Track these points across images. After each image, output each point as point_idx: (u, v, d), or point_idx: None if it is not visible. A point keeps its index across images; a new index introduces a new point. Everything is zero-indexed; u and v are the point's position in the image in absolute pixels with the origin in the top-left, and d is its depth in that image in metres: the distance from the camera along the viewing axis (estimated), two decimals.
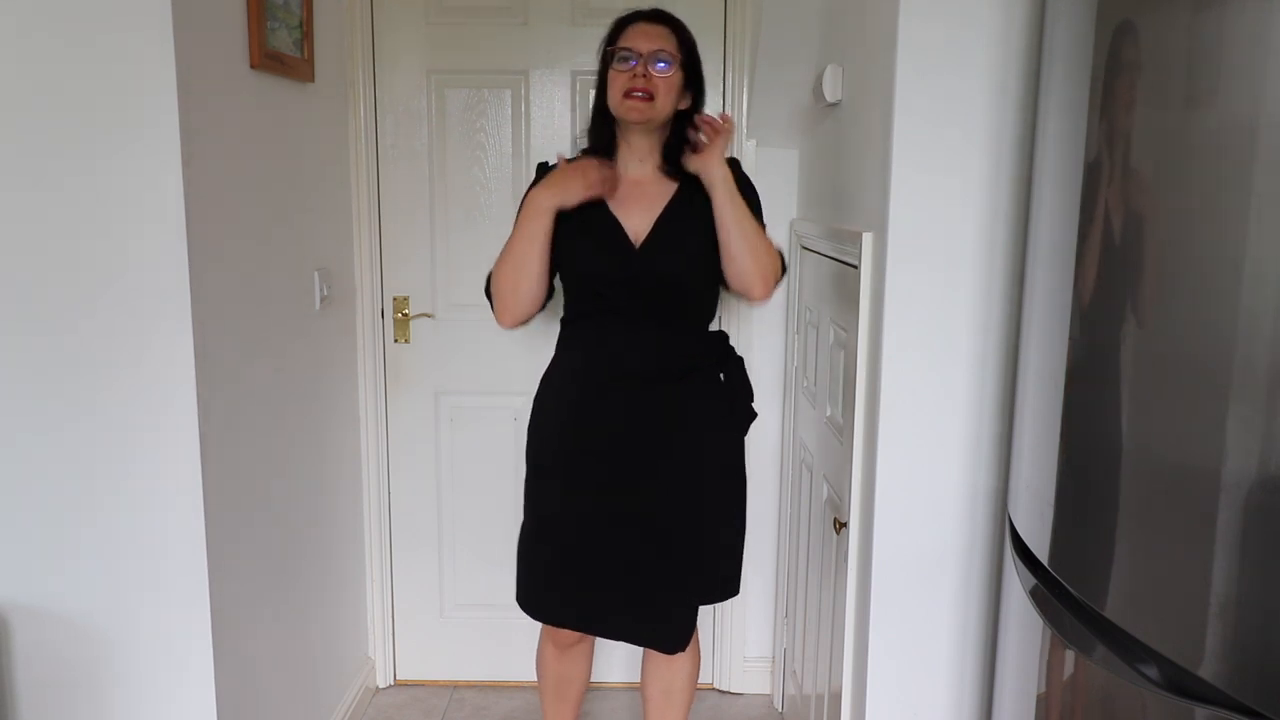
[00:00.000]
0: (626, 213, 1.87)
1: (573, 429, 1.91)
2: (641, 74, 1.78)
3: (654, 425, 1.87)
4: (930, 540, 1.61)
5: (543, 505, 1.95)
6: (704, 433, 1.91)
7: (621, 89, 1.80)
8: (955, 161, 1.51)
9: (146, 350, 1.69)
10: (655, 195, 1.88)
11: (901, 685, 1.64)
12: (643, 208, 1.87)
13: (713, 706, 2.72)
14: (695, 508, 1.90)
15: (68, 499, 1.73)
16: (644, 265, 1.84)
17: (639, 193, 1.89)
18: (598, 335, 1.89)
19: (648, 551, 1.89)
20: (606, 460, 1.88)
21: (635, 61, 1.79)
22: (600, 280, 1.85)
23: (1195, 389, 0.92)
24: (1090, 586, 1.09)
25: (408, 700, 2.74)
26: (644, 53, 1.79)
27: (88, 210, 1.66)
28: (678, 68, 1.82)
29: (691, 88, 1.88)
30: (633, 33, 1.83)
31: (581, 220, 1.85)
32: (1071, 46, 1.15)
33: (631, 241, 1.85)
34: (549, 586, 1.96)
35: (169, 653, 1.78)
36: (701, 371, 1.93)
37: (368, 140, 2.56)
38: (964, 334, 1.56)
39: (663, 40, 1.82)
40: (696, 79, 1.89)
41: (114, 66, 1.62)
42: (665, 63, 1.80)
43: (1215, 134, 0.90)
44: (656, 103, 1.80)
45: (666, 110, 1.83)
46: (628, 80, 1.79)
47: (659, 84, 1.79)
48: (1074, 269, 1.12)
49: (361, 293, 2.62)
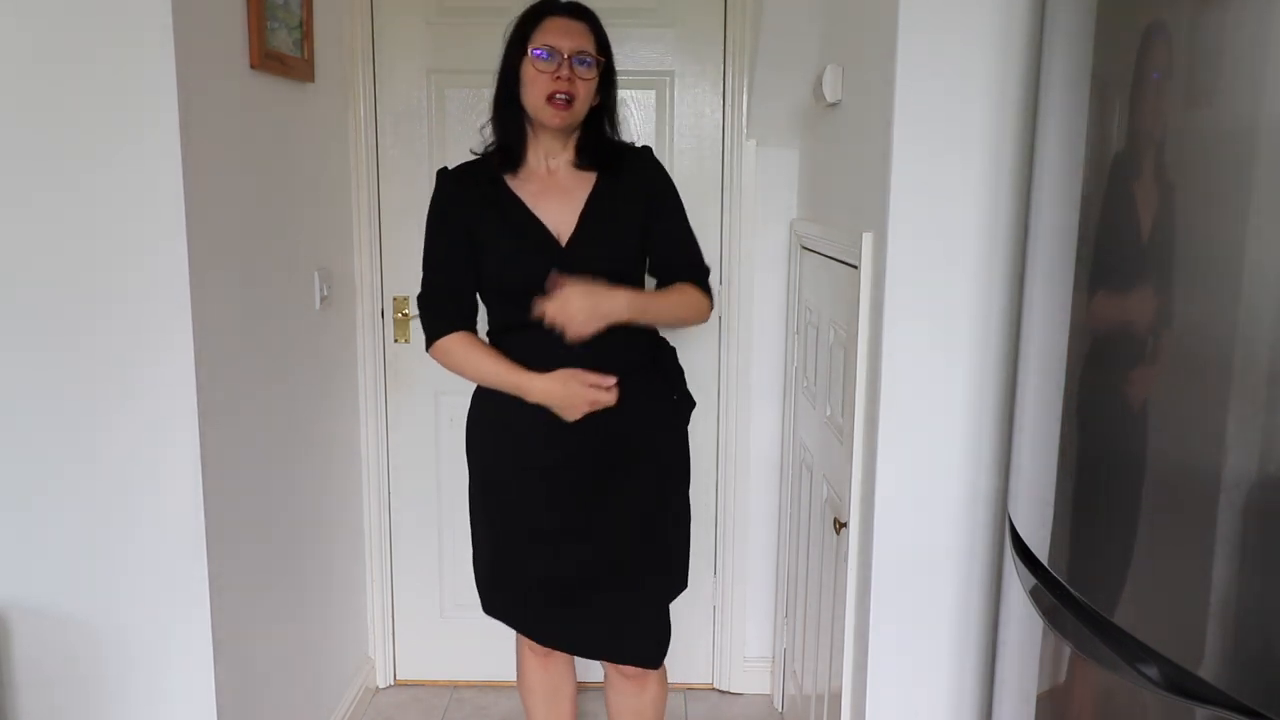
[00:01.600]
0: (546, 209, 1.80)
1: (519, 449, 1.87)
2: (565, 76, 1.72)
3: (603, 436, 1.82)
4: (930, 540, 1.60)
5: (497, 527, 1.91)
6: (652, 435, 1.89)
7: (543, 91, 1.72)
8: (955, 161, 1.51)
9: (146, 350, 1.69)
10: (573, 189, 1.82)
11: (901, 685, 1.64)
12: (562, 203, 1.80)
13: (713, 706, 2.72)
14: (651, 515, 1.88)
15: (68, 499, 1.73)
16: (573, 264, 1.76)
17: (556, 187, 1.82)
18: (530, 345, 1.79)
19: (609, 566, 1.86)
20: (558, 479, 1.85)
21: (555, 60, 1.72)
22: (530, 284, 1.74)
23: (1196, 388, 0.92)
24: (1090, 586, 1.09)
25: (408, 700, 2.74)
26: (566, 52, 1.72)
27: (88, 210, 1.66)
28: (598, 69, 1.77)
29: (604, 85, 1.82)
30: (552, 28, 1.75)
31: (501, 224, 1.79)
32: (1071, 46, 1.15)
33: (556, 239, 1.79)
34: (516, 603, 1.93)
35: (169, 653, 1.78)
36: (640, 370, 1.87)
37: (368, 140, 2.57)
38: (964, 334, 1.56)
39: (582, 38, 1.76)
40: (610, 76, 1.83)
41: (114, 67, 1.62)
42: (587, 63, 1.74)
43: (1216, 133, 0.90)
44: (576, 105, 1.74)
45: (584, 112, 1.78)
46: (550, 82, 1.72)
47: (580, 86, 1.74)
48: (1074, 269, 1.12)
49: (361, 293, 2.62)
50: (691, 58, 2.56)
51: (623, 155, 1.86)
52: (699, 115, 2.58)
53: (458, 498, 2.72)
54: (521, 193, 1.81)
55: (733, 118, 2.56)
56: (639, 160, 1.89)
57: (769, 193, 2.56)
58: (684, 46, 2.55)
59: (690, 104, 2.57)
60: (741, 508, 2.69)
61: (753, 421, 2.66)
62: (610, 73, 1.83)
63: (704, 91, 2.57)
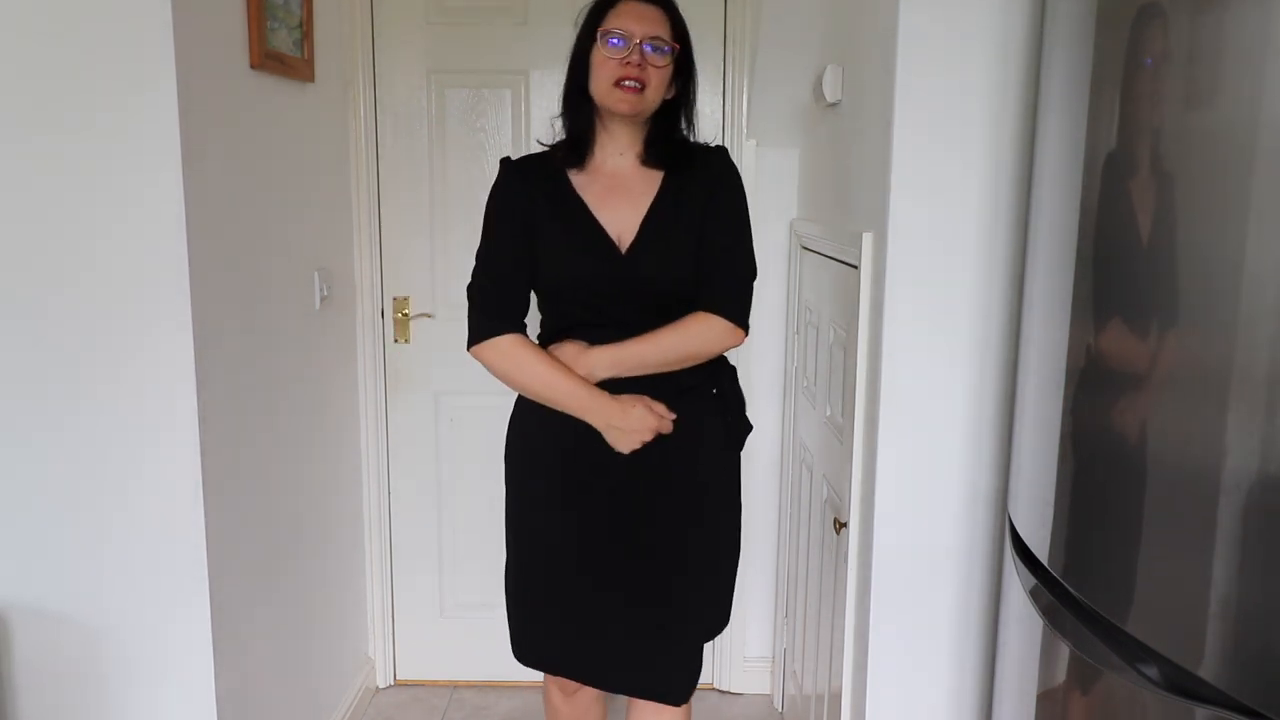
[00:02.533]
0: (608, 212, 1.68)
1: (565, 467, 1.73)
2: (636, 62, 1.60)
3: (652, 457, 1.68)
4: (930, 540, 1.60)
5: (536, 546, 1.78)
6: (702, 459, 1.75)
7: (611, 76, 1.61)
8: (955, 161, 1.51)
9: (146, 350, 1.69)
10: (638, 191, 1.70)
11: (901, 685, 1.64)
12: (625, 205, 1.68)
13: (713, 707, 2.72)
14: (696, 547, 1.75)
15: (68, 499, 1.73)
16: (631, 271, 1.65)
17: (620, 188, 1.70)
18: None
19: (647, 597, 1.72)
20: (604, 501, 1.71)
21: (627, 45, 1.61)
22: (583, 290, 1.67)
23: (1195, 388, 0.92)
24: (1090, 586, 1.09)
25: (408, 700, 2.74)
26: (637, 37, 1.61)
27: (88, 210, 1.66)
28: (672, 57, 1.66)
29: (681, 77, 1.71)
30: (624, 11, 1.64)
31: (561, 223, 1.68)
32: (1071, 46, 1.15)
33: (616, 245, 1.66)
34: (549, 635, 1.78)
35: (169, 653, 1.78)
36: (695, 389, 1.73)
37: (368, 140, 2.57)
38: (964, 334, 1.56)
39: (657, 24, 1.64)
40: (688, 68, 1.72)
41: (114, 67, 1.62)
42: (660, 50, 1.63)
43: (1215, 132, 0.90)
44: (647, 94, 1.63)
45: (656, 102, 1.67)
46: (619, 67, 1.61)
47: (652, 74, 1.62)
48: (1074, 268, 1.12)
49: (361, 293, 2.62)
50: None
51: (693, 155, 1.73)
52: (699, 115, 2.57)
53: (458, 498, 2.73)
54: (585, 193, 1.69)
55: (733, 118, 2.56)
56: (710, 160, 1.74)
57: (769, 193, 2.56)
58: None
59: None
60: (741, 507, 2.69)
61: (753, 421, 2.65)
62: (688, 64, 1.71)
63: (704, 91, 2.55)
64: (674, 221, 1.69)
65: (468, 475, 2.73)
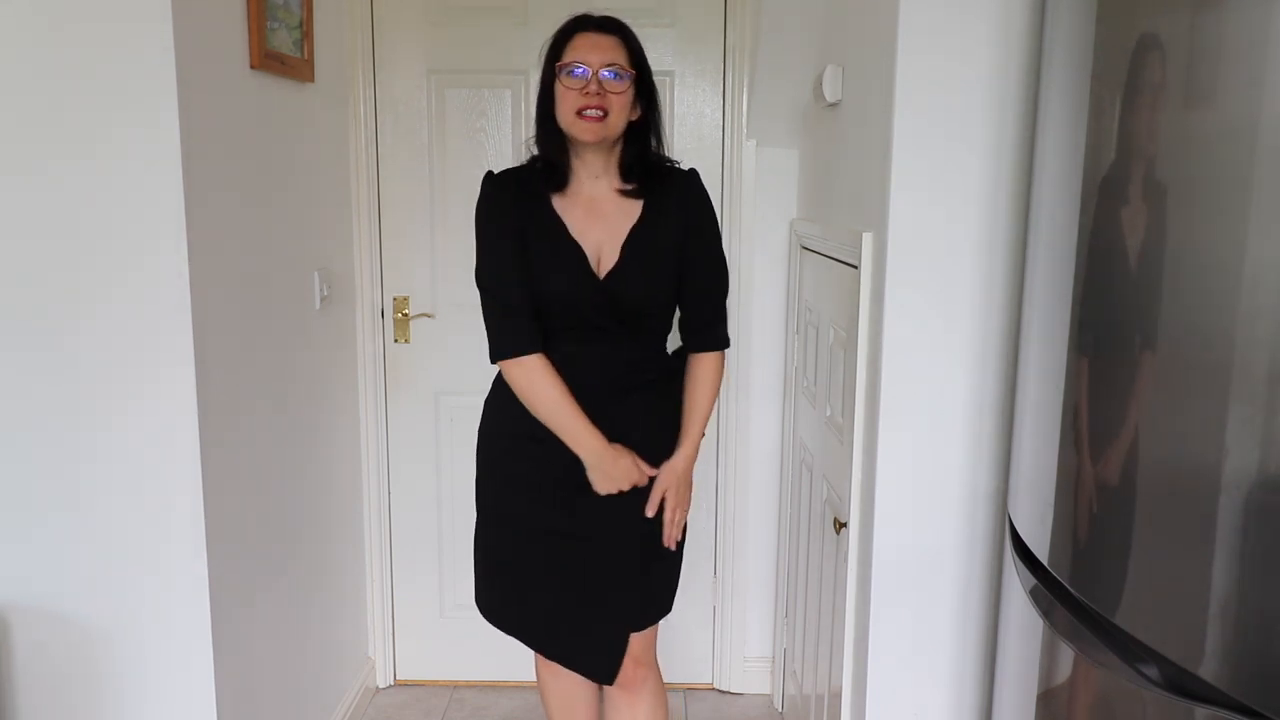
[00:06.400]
0: (588, 237, 1.76)
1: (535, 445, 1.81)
2: (595, 90, 1.69)
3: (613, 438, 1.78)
4: (930, 540, 1.60)
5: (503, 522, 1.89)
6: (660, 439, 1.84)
7: (573, 106, 1.69)
8: (955, 161, 1.51)
9: (146, 350, 1.69)
10: (616, 217, 1.78)
11: (901, 685, 1.64)
12: (604, 230, 1.77)
13: (713, 707, 2.72)
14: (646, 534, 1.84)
15: (67, 499, 1.73)
16: (610, 294, 1.75)
17: (598, 213, 1.78)
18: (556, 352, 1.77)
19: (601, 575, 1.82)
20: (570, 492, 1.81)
21: (586, 75, 1.70)
22: (557, 304, 1.75)
23: (1195, 388, 0.92)
24: (1090, 586, 1.09)
25: (408, 700, 2.74)
26: (595, 66, 1.70)
27: (87, 210, 1.66)
28: (630, 81, 1.73)
29: (642, 98, 1.78)
30: (581, 43, 1.73)
31: (543, 240, 1.76)
32: (1071, 46, 1.15)
33: (593, 268, 1.76)
34: (506, 602, 1.91)
35: (169, 653, 1.78)
36: (653, 384, 1.84)
37: (368, 140, 2.57)
38: (964, 334, 1.56)
39: (613, 51, 1.73)
40: (648, 89, 1.79)
41: (114, 67, 1.62)
42: (618, 76, 1.71)
43: (1216, 133, 0.90)
44: (610, 120, 1.71)
45: (620, 126, 1.74)
46: (579, 97, 1.69)
47: (613, 100, 1.70)
48: (1074, 268, 1.12)
49: (361, 293, 2.62)
50: (691, 58, 2.56)
51: (665, 179, 1.82)
52: (699, 115, 2.58)
53: (458, 498, 2.73)
54: (566, 216, 1.77)
55: (733, 118, 2.56)
56: (681, 186, 1.83)
57: (769, 193, 2.56)
58: (684, 46, 2.55)
59: (690, 104, 2.57)
60: (741, 508, 2.69)
61: (753, 421, 2.66)
62: (649, 87, 1.79)
63: (704, 91, 2.57)
64: (651, 250, 1.78)
65: (468, 475, 2.70)
